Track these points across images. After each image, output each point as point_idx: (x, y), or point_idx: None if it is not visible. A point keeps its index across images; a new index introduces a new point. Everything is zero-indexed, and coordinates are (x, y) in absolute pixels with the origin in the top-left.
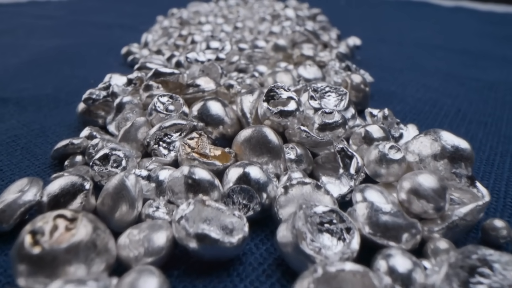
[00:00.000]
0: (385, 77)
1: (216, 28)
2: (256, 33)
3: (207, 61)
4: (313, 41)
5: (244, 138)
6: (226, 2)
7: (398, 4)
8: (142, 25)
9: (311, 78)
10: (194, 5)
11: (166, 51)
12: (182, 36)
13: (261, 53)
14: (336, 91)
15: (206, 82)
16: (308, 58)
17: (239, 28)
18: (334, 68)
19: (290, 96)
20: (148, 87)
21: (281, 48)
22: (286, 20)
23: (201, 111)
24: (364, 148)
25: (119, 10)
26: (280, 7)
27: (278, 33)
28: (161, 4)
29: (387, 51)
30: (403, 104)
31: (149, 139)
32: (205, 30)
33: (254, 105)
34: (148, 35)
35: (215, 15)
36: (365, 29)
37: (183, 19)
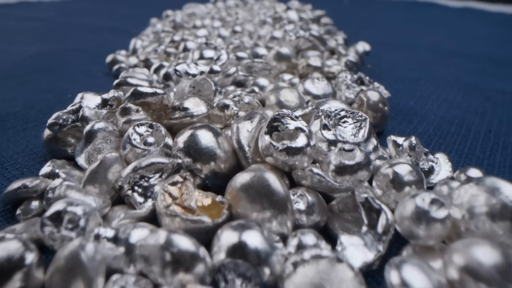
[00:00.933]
0: (401, 89)
1: (213, 33)
2: (256, 38)
3: (199, 74)
4: (319, 47)
5: (241, 185)
6: (225, 3)
7: (404, 5)
8: (135, 28)
9: (320, 95)
10: (190, 7)
11: (155, 60)
12: (174, 42)
13: (261, 63)
14: (353, 116)
15: (196, 104)
16: (315, 69)
17: (237, 32)
18: (346, 82)
19: (299, 126)
20: (125, 110)
21: (285, 57)
22: (289, 24)
23: (188, 143)
24: (392, 193)
25: (112, 11)
26: (282, 8)
27: (280, 38)
28: (157, 5)
29: (399, 58)
30: (425, 124)
31: (122, 183)
32: (200, 35)
33: (254, 135)
34: (137, 41)
35: (212, 18)
36: (372, 32)
37: (176, 23)
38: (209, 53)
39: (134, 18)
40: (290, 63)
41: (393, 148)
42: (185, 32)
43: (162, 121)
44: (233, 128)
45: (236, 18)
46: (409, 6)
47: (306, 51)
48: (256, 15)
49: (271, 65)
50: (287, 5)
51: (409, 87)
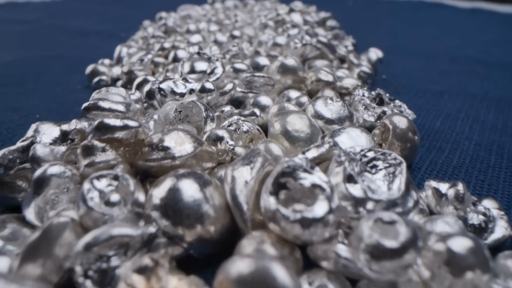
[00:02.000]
0: (423, 105)
1: (208, 38)
2: (256, 44)
3: (188, 92)
4: (327, 56)
5: (236, 278)
6: (223, 4)
7: (410, 5)
8: (125, 32)
9: (334, 119)
10: (185, 8)
11: (141, 72)
12: (164, 49)
13: (263, 77)
14: (384, 158)
15: (179, 141)
16: (327, 84)
17: (236, 37)
18: (364, 101)
19: (317, 183)
20: (88, 149)
21: (290, 70)
22: (293, 28)
23: (166, 200)
24: (446, 278)
25: (103, 13)
26: (284, 10)
27: (284, 45)
28: (152, 6)
29: (415, 66)
30: (459, 153)
31: (71, 264)
32: (194, 41)
33: (254, 187)
34: (123, 48)
35: (208, 20)
36: (380, 35)
37: (168, 27)
38: (201, 66)
39: (126, 21)
40: (296, 77)
41: (433, 198)
42: (177, 38)
43: (137, 162)
44: (227, 177)
45: (235, 20)
46: (416, 7)
47: (313, 60)
48: (256, 17)
49: (274, 79)
50: (290, 7)
51: (432, 102)
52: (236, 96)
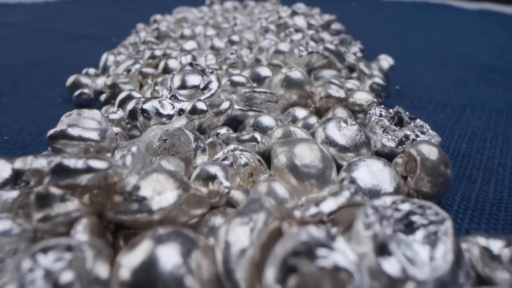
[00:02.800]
0: (446, 123)
1: (204, 44)
2: (257, 50)
3: (176, 113)
4: (335, 65)
5: None
6: (222, 5)
7: (415, 7)
8: (116, 36)
9: (349, 147)
10: (180, 11)
11: (126, 86)
12: (154, 58)
13: (265, 93)
14: (422, 212)
15: (159, 188)
16: (338, 101)
17: (235, 42)
18: (382, 123)
19: (341, 266)
20: (43, 199)
21: (296, 84)
22: (296, 32)
23: (137, 277)
24: None
25: (96, 15)
26: (286, 13)
27: (287, 52)
28: (147, 8)
29: (429, 74)
30: (495, 185)
31: None
32: (188, 48)
33: (253, 257)
34: (109, 56)
35: (205, 24)
36: (388, 39)
37: (160, 32)
38: (194, 80)
39: (119, 23)
40: (303, 91)
41: (481, 259)
42: (170, 44)
43: (107, 214)
44: (220, 240)
45: (234, 24)
46: (421, 8)
47: (320, 70)
48: (257, 20)
49: (277, 94)
50: (292, 9)
51: (454, 118)
52: (234, 114)
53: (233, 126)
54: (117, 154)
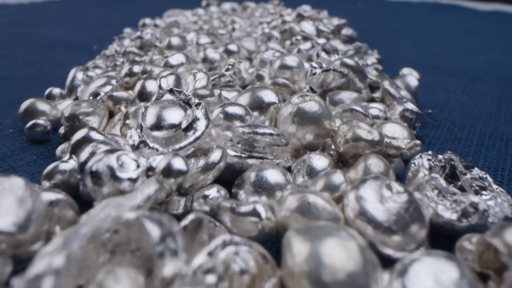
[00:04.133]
0: (502, 164)
1: (196, 55)
2: (258, 63)
3: (143, 174)
4: (355, 84)
5: None
6: (219, 7)
7: (426, 8)
8: (99, 43)
9: (396, 229)
10: (172, 14)
11: (88, 118)
12: (132, 75)
13: (270, 135)
14: None
15: None
16: (370, 145)
17: (232, 52)
18: (436, 182)
19: None
20: None
21: (312, 120)
22: (304, 41)
23: None
24: None
25: (81, 17)
26: (291, 16)
27: (295, 67)
28: (139, 10)
29: (462, 92)
30: None
31: None
32: (174, 62)
33: None
34: (78, 74)
35: (199, 29)
36: (404, 45)
37: (143, 41)
38: (173, 116)
39: (105, 28)
40: (321, 129)
41: None
42: (154, 57)
43: None
44: None
45: (232, 29)
46: (432, 9)
47: (337, 92)
48: (258, 25)
49: (287, 132)
50: (298, 12)
51: (509, 156)
52: (229, 161)
53: (228, 179)
54: (35, 265)
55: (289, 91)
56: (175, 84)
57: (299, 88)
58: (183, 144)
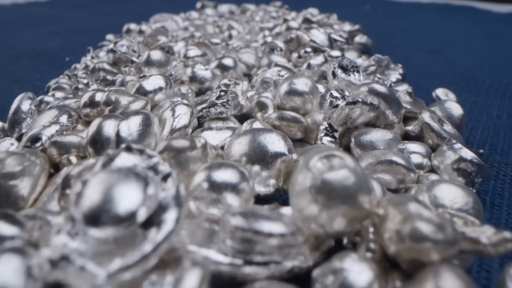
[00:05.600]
0: None
1: (182, 71)
2: (259, 84)
3: None
4: (387, 117)
5: None
6: (216, 10)
7: (438, 9)
8: (75, 53)
9: None
10: (159, 19)
11: (13, 183)
12: (93, 106)
13: (279, 237)
14: None
15: None
16: (443, 248)
17: (227, 68)
18: None
19: None
20: None
21: (344, 198)
22: (315, 54)
23: None
24: None
25: (62, 21)
26: (296, 22)
27: (308, 93)
28: (128, 12)
29: (504, 117)
30: None
31: None
32: (150, 88)
33: None
34: (24, 102)
35: (190, 37)
36: (424, 54)
37: (117, 56)
38: (125, 199)
39: (87, 33)
40: (356, 209)
41: None
42: (127, 78)
43: None
44: None
45: (228, 36)
46: (445, 11)
47: (365, 130)
48: (258, 31)
49: (304, 213)
50: (304, 16)
51: None
52: (218, 269)
53: None
54: None
55: (301, 127)
56: (141, 132)
57: (313, 121)
58: (134, 259)
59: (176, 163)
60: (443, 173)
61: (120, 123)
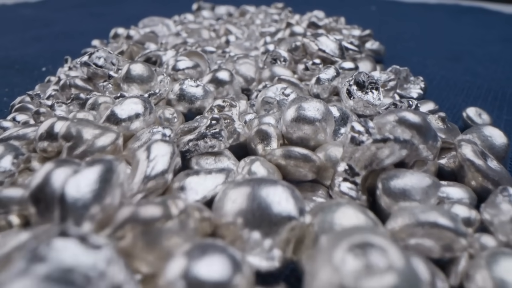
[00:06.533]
0: None
1: (169, 91)
2: (260, 106)
3: None
4: (420, 153)
5: None
6: (213, 12)
7: (446, 10)
8: (53, 62)
9: None
10: (149, 24)
11: None
12: (52, 140)
13: None
14: None
15: None
16: None
17: (222, 82)
18: None
19: None
20: None
21: None
22: (325, 67)
23: None
24: None
25: (48, 24)
26: (301, 26)
27: (319, 120)
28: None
29: None
30: None
31: None
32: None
33: None
34: None
35: (182, 44)
36: (442, 62)
37: (92, 70)
38: None
39: (73, 38)
40: None
41: None
42: (100, 100)
43: None
44: None
45: (226, 41)
46: (454, 13)
47: (394, 173)
48: (259, 38)
49: None
50: (310, 20)
51: None
52: None
53: None
54: None
55: (313, 167)
56: (97, 191)
57: (327, 157)
58: None
59: (143, 241)
60: (498, 232)
61: (67, 180)
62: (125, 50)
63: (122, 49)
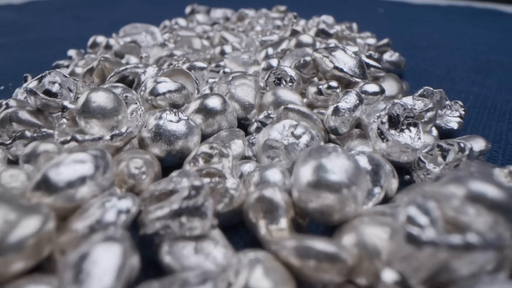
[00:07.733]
0: None
1: (142, 128)
2: (262, 152)
3: None
4: None
5: None
6: (209, 16)
7: (459, 13)
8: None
9: None
10: (131, 32)
11: None
12: None
13: None
14: None
15: None
16: None
17: (213, 112)
18: None
19: None
20: None
21: None
22: (344, 91)
23: None
24: None
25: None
26: (309, 35)
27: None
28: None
29: None
30: None
31: None
32: (66, 175)
33: None
34: None
35: (168, 56)
36: (466, 74)
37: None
38: None
39: (49, 46)
40: None
41: None
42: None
43: None
44: None
45: (220, 52)
46: (469, 16)
47: None
48: (260, 48)
49: None
50: (319, 27)
51: None
52: None
53: None
54: None
55: (343, 269)
56: None
57: (360, 244)
58: None
59: None
60: None
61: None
62: (95, 67)
63: (92, 65)
